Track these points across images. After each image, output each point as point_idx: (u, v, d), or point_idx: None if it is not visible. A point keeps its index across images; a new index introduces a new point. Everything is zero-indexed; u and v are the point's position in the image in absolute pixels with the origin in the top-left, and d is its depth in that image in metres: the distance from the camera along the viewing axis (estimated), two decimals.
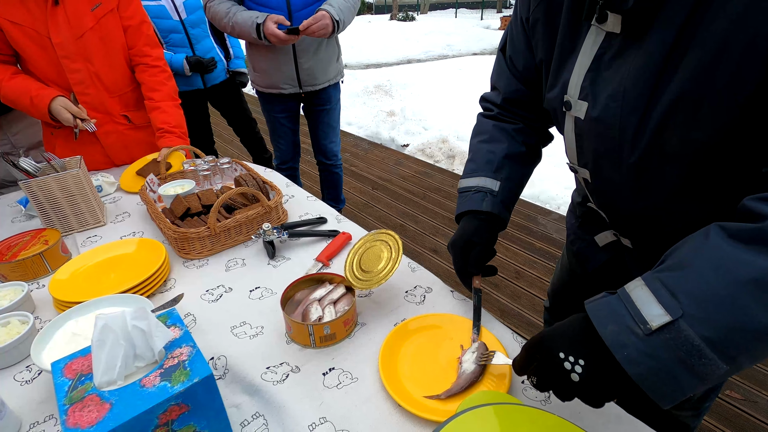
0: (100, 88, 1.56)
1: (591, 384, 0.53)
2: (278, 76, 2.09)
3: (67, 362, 0.61)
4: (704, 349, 0.45)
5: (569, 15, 0.67)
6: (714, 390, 0.95)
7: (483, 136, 0.92)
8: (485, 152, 0.89)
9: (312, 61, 2.08)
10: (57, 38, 1.42)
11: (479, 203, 0.85)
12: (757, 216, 0.47)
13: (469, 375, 0.72)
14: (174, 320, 0.68)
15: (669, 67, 0.56)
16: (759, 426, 1.58)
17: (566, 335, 0.56)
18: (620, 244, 0.88)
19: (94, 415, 0.54)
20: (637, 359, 0.48)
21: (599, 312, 0.53)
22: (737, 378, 1.76)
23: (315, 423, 0.69)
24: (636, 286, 0.52)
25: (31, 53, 1.44)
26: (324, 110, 2.30)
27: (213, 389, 0.60)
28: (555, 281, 1.18)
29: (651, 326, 0.47)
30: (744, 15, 0.48)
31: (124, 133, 1.67)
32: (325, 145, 2.42)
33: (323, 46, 2.07)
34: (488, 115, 0.94)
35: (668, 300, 0.48)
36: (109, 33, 1.51)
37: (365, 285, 0.86)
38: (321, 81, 2.16)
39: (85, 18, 1.44)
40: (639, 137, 0.62)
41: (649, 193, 0.68)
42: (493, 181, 0.86)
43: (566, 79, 0.69)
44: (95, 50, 1.50)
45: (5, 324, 0.86)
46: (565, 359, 0.54)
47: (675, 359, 0.46)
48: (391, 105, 5.55)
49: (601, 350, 0.51)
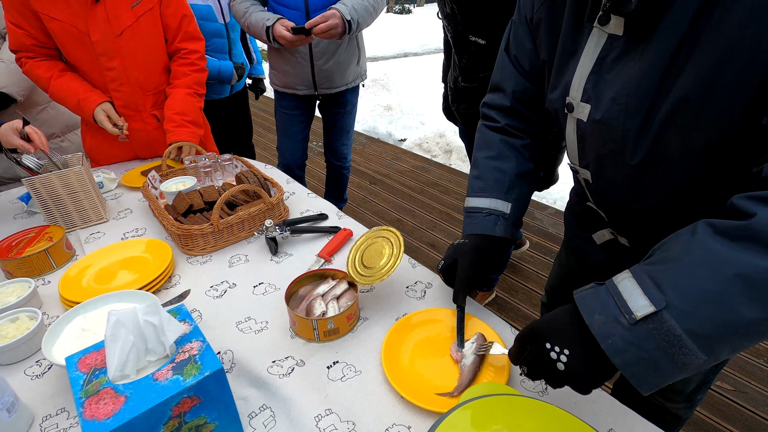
0: (135, 86, 1.56)
1: (576, 372, 0.55)
2: (293, 78, 2.03)
3: (81, 357, 0.63)
4: (685, 339, 0.47)
5: (572, 16, 0.68)
6: (706, 383, 0.98)
7: (490, 152, 0.90)
8: (493, 170, 0.88)
9: (330, 64, 1.98)
10: (96, 36, 1.42)
11: (492, 227, 0.85)
12: (744, 214, 0.49)
13: (471, 366, 0.75)
14: (183, 316, 0.70)
15: (672, 72, 0.57)
16: (749, 416, 1.62)
17: (553, 326, 0.59)
18: (617, 243, 0.90)
19: (110, 408, 0.56)
20: (622, 348, 0.50)
21: (587, 302, 0.56)
22: (728, 369, 1.80)
23: (321, 414, 0.71)
24: (623, 278, 0.54)
25: (69, 49, 1.45)
26: (339, 113, 2.24)
27: (223, 382, 0.63)
28: (552, 278, 1.21)
29: (636, 316, 0.50)
30: (749, 19, 0.49)
31: (151, 132, 1.67)
32: (337, 147, 2.38)
33: (342, 47, 1.98)
34: (494, 128, 0.92)
35: (654, 292, 0.50)
36: (148, 30, 1.50)
37: (367, 281, 0.88)
38: (338, 84, 2.07)
39: (124, 16, 1.43)
40: (641, 140, 0.63)
41: (650, 194, 0.70)
42: (504, 203, 0.86)
43: (568, 81, 0.70)
44: (133, 48, 1.49)
45: (14, 320, 0.87)
46: (551, 349, 0.57)
47: (657, 348, 0.49)
48: (388, 99, 5.54)
49: (587, 339, 0.54)
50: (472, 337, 0.80)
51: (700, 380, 0.96)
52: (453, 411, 0.56)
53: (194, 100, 1.65)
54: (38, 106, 1.82)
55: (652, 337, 0.49)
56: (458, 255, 0.83)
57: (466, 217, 0.90)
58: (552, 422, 0.55)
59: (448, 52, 1.86)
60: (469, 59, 1.52)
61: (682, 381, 0.97)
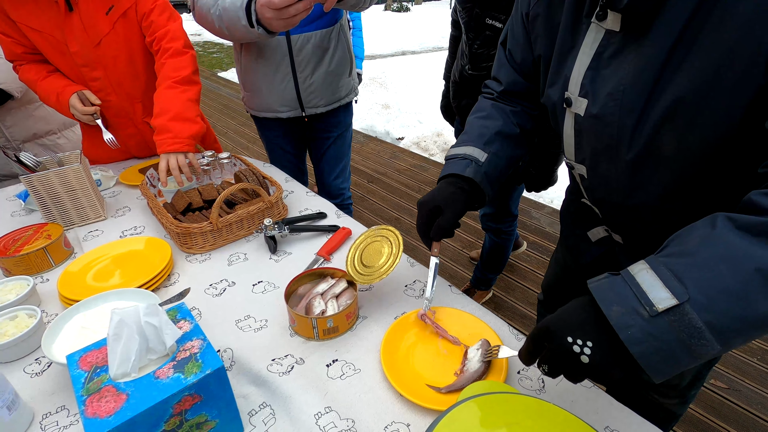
0: (122, 95, 1.52)
1: (600, 364, 0.55)
2: (274, 97, 1.60)
3: (81, 355, 0.64)
4: (705, 331, 0.48)
5: (570, 11, 0.68)
6: (699, 378, 0.99)
7: (480, 113, 0.92)
8: (478, 126, 0.90)
9: (317, 75, 1.57)
10: (74, 47, 1.38)
11: (462, 168, 0.85)
12: (764, 210, 0.49)
13: (472, 374, 0.74)
14: (183, 314, 0.70)
15: (668, 70, 0.57)
16: (742, 414, 1.64)
17: (572, 320, 0.58)
18: (612, 240, 0.91)
19: (112, 405, 0.56)
20: (641, 339, 0.50)
21: (604, 293, 0.55)
22: (721, 367, 1.82)
23: (321, 412, 0.72)
24: (641, 269, 0.54)
25: (52, 59, 1.43)
26: (330, 138, 1.78)
27: (224, 380, 0.63)
28: (549, 276, 1.22)
29: (657, 308, 0.50)
30: (751, 22, 0.50)
31: (146, 135, 1.64)
32: (331, 184, 1.88)
33: (329, 54, 1.57)
34: (488, 97, 0.95)
35: (675, 284, 0.50)
36: (126, 36, 1.43)
37: (366, 280, 0.89)
38: (329, 101, 1.65)
39: (100, 23, 1.37)
40: (636, 136, 0.64)
41: (644, 191, 0.71)
42: (481, 152, 0.86)
43: (567, 76, 0.70)
44: (115, 56, 1.44)
45: (13, 318, 0.87)
46: (573, 343, 0.56)
47: (676, 340, 0.49)
48: (386, 97, 5.54)
49: (606, 330, 0.53)
50: (477, 343, 0.79)
51: (694, 375, 0.98)
52: (452, 408, 0.57)
53: (175, 92, 1.39)
54: (35, 102, 1.82)
55: (672, 328, 0.49)
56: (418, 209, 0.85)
57: (444, 166, 0.90)
58: (550, 420, 0.55)
59: (453, 47, 1.86)
60: (482, 44, 1.51)
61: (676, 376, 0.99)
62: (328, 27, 1.53)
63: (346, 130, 1.82)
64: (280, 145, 1.80)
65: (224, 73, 7.62)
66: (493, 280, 2.20)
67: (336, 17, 1.55)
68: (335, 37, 1.57)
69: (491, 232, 1.98)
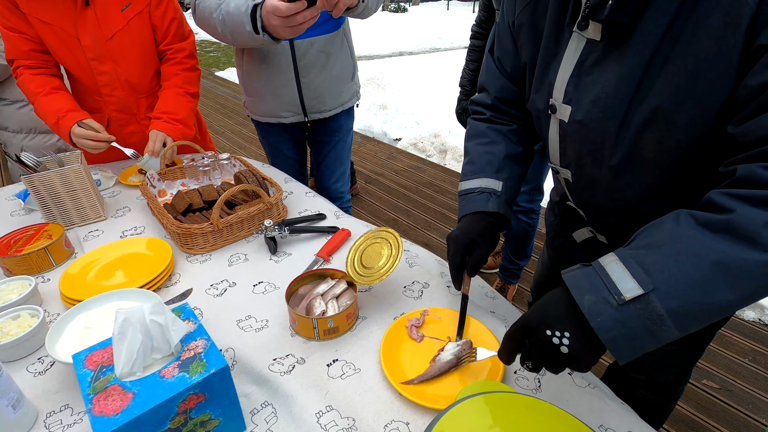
0: (128, 90, 1.55)
1: (578, 352, 0.57)
2: (276, 102, 1.60)
3: (87, 354, 0.65)
4: (666, 318, 0.52)
5: (553, 20, 0.71)
6: (685, 374, 1.04)
7: (480, 139, 0.93)
8: (484, 153, 0.91)
9: (320, 80, 1.57)
10: (86, 40, 1.40)
11: (485, 204, 0.86)
12: (723, 209, 0.53)
13: (443, 364, 0.77)
14: (187, 314, 0.72)
15: (648, 78, 0.60)
16: (734, 413, 1.67)
17: (549, 313, 0.61)
18: (596, 241, 0.94)
19: (119, 404, 0.57)
20: (610, 326, 0.54)
21: (577, 283, 0.58)
22: (714, 367, 1.85)
23: (322, 411, 0.73)
24: (611, 261, 0.57)
25: (60, 53, 1.43)
26: (331, 142, 1.78)
27: (228, 379, 0.64)
28: (537, 277, 1.24)
29: (624, 297, 0.54)
30: (722, 31, 0.53)
31: (146, 133, 1.60)
32: (330, 187, 1.87)
33: (332, 59, 1.58)
34: (481, 119, 0.96)
35: (641, 275, 0.54)
36: (138, 33, 1.47)
37: (366, 281, 0.90)
38: (331, 106, 1.65)
39: (114, 19, 1.41)
40: (619, 141, 0.67)
41: (627, 193, 0.74)
42: (496, 182, 0.88)
43: (551, 83, 0.73)
44: (124, 52, 1.47)
45: (15, 317, 0.88)
46: (552, 335, 0.58)
47: (641, 326, 0.53)
48: (384, 98, 5.56)
49: (580, 320, 0.57)
50: (461, 341, 0.81)
51: (680, 370, 1.02)
52: (451, 408, 0.59)
53: (184, 100, 1.55)
54: None
55: (638, 316, 0.53)
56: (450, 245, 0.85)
57: (460, 200, 0.91)
58: (547, 418, 0.57)
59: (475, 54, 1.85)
60: None
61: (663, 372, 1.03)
62: (331, 32, 1.54)
63: (347, 134, 1.82)
64: (282, 150, 1.81)
65: (221, 72, 7.59)
66: (521, 270, 2.22)
67: (339, 22, 1.56)
68: (338, 42, 1.58)
69: (522, 213, 1.99)
